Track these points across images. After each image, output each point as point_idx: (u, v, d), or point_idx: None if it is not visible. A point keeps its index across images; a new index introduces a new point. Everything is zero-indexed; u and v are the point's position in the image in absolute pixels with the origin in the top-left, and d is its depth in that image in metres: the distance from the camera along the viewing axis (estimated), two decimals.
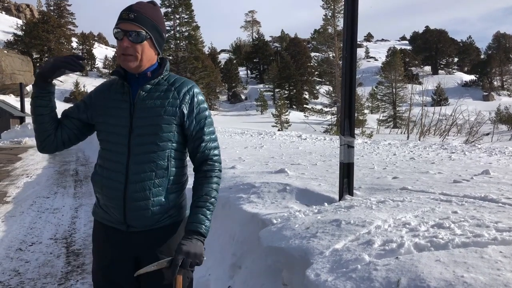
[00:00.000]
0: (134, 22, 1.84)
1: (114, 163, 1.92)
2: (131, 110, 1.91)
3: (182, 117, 1.94)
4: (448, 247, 1.97)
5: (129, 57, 1.87)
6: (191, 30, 60.78)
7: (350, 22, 3.38)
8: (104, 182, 1.94)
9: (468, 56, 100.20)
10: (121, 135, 1.91)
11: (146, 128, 1.90)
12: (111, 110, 1.95)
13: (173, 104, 1.92)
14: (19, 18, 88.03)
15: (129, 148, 1.90)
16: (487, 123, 44.11)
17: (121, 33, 1.85)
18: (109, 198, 1.94)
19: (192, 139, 1.98)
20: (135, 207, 1.90)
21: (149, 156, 1.90)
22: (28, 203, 8.36)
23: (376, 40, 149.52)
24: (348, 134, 3.36)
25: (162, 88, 1.95)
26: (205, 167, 1.98)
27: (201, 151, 1.98)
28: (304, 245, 2.31)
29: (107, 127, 1.95)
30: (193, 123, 1.96)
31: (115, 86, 2.00)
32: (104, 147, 1.98)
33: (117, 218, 1.95)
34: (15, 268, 4.78)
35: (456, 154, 7.13)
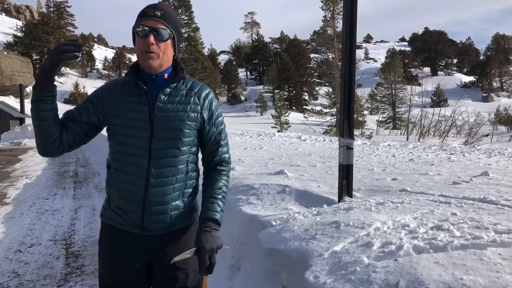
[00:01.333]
0: (160, 19, 1.83)
1: (133, 167, 1.87)
2: (151, 113, 1.87)
3: (202, 122, 1.95)
4: (447, 249, 1.97)
5: (153, 55, 1.83)
6: (191, 32, 60.84)
7: (349, 24, 3.38)
8: (123, 186, 1.89)
9: (467, 57, 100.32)
10: (141, 139, 1.86)
11: (168, 132, 1.88)
12: (127, 112, 1.88)
13: (195, 110, 1.93)
14: (19, 19, 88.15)
15: (150, 152, 1.86)
16: (487, 124, 44.12)
17: (146, 30, 1.81)
18: (127, 202, 1.90)
19: (211, 143, 2.01)
20: (154, 211, 1.89)
21: (171, 161, 1.89)
22: (28, 204, 8.35)
23: (376, 42, 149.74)
24: (347, 135, 3.36)
25: (182, 93, 1.93)
26: (219, 168, 2.05)
27: (218, 155, 2.03)
28: (303, 247, 2.31)
29: (124, 129, 1.88)
30: (212, 128, 1.99)
31: (128, 87, 1.93)
32: (120, 150, 1.91)
33: (132, 222, 1.91)
34: (14, 269, 4.78)
35: (456, 156, 7.14)
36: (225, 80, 77.96)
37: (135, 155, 1.87)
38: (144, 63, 1.86)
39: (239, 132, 22.71)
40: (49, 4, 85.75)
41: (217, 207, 1.94)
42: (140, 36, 1.83)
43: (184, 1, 59.12)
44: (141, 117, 1.87)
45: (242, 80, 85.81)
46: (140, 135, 1.86)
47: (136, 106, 1.88)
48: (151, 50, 1.82)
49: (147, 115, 1.87)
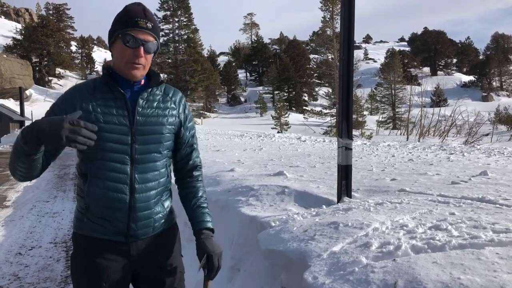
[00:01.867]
0: (151, 32, 1.80)
1: (116, 174, 1.82)
2: (131, 118, 1.83)
3: (179, 126, 1.98)
4: (445, 249, 1.98)
5: (139, 66, 1.80)
6: (190, 33, 60.92)
7: (347, 25, 3.39)
8: (106, 194, 1.82)
9: (467, 57, 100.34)
10: (122, 144, 1.81)
11: (150, 137, 1.87)
12: (105, 116, 1.80)
13: (173, 114, 1.94)
14: (18, 22, 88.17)
15: (132, 157, 1.83)
16: (486, 123, 44.13)
17: (138, 42, 1.77)
18: (111, 210, 1.84)
19: (184, 147, 2.03)
20: (141, 217, 1.87)
21: (153, 165, 1.89)
22: (28, 207, 8.36)
23: (375, 42, 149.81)
24: (346, 136, 3.37)
25: (158, 97, 1.92)
26: (195, 173, 2.08)
27: (192, 158, 2.07)
28: (302, 248, 2.32)
29: (102, 135, 1.76)
30: (187, 131, 2.02)
31: (100, 91, 1.84)
32: (100, 157, 1.81)
33: (116, 230, 1.86)
34: (14, 272, 4.78)
35: (455, 155, 7.14)
36: (225, 82, 78.01)
37: (117, 161, 1.82)
38: (129, 72, 1.81)
39: (238, 133, 22.73)
40: (48, 7, 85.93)
41: (208, 216, 2.01)
42: (128, 46, 1.77)
43: (183, 2, 59.21)
44: (121, 122, 1.82)
45: (242, 81, 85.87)
46: (121, 140, 1.81)
47: (113, 110, 1.82)
48: (139, 62, 1.79)
49: (126, 119, 1.82)
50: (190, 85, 58.91)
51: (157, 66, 65.49)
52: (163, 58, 60.78)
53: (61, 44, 68.96)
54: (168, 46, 60.02)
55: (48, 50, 65.68)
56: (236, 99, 79.51)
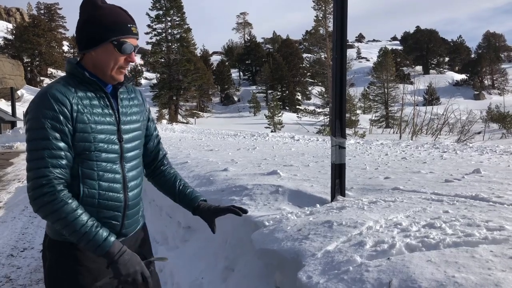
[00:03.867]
0: (137, 37, 1.85)
1: (110, 174, 1.82)
2: (116, 116, 1.85)
3: (147, 120, 2.08)
4: (439, 247, 1.97)
5: (126, 70, 1.86)
6: (183, 33, 60.81)
7: (339, 24, 3.38)
8: (102, 195, 1.79)
9: (458, 56, 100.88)
10: (112, 144, 1.82)
11: (133, 134, 1.93)
12: (94, 117, 1.77)
13: (142, 109, 2.04)
14: (9, 22, 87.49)
15: (121, 156, 1.86)
16: (479, 122, 44.45)
17: (132, 49, 1.81)
18: (108, 211, 1.83)
19: (152, 138, 2.13)
20: (132, 214, 1.93)
21: (137, 162, 1.97)
22: (20, 208, 8.30)
23: (368, 41, 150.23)
24: (339, 135, 3.36)
25: (126, 95, 1.96)
26: (165, 161, 2.20)
27: (161, 149, 2.18)
28: (296, 247, 2.31)
29: (94, 136, 1.76)
30: (151, 123, 2.12)
31: (81, 90, 1.76)
32: (91, 158, 1.76)
33: (111, 230, 1.79)
34: (6, 274, 4.74)
35: (448, 153, 7.17)
36: (218, 81, 77.97)
37: (110, 161, 1.82)
38: (118, 77, 1.83)
39: (232, 133, 22.71)
40: (40, 6, 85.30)
41: (197, 192, 2.18)
42: (123, 52, 1.77)
43: (175, 2, 59.08)
44: (110, 122, 1.82)
45: (235, 81, 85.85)
46: (111, 140, 1.82)
47: (100, 110, 1.80)
48: (127, 67, 1.85)
49: (112, 118, 1.83)
50: (183, 84, 58.84)
51: (150, 65, 65.29)
52: (156, 57, 60.63)
53: (53, 44, 68.54)
54: (161, 46, 59.88)
55: (39, 50, 65.29)
56: (230, 98, 79.47)
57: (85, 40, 1.78)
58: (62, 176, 1.67)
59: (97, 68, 1.81)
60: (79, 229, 1.64)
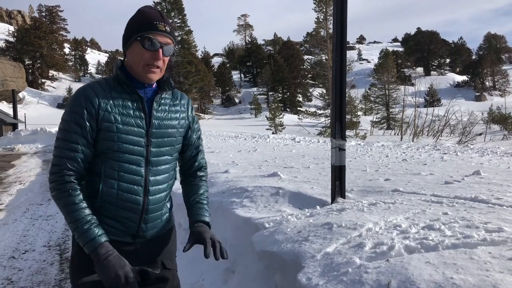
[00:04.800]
0: (169, 35, 1.83)
1: (131, 175, 1.83)
2: (147, 120, 1.85)
3: (187, 128, 2.03)
4: (438, 248, 1.98)
5: (157, 69, 1.84)
6: (184, 35, 60.92)
7: (339, 26, 3.40)
8: (120, 195, 1.82)
9: (459, 57, 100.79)
10: (138, 146, 1.83)
11: (163, 140, 1.90)
12: (123, 118, 1.81)
13: (183, 117, 2.00)
14: (10, 24, 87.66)
15: (147, 159, 1.85)
16: (480, 123, 44.38)
17: (158, 45, 1.79)
18: (125, 211, 1.85)
19: (191, 148, 2.07)
20: (151, 219, 1.91)
21: (165, 168, 1.93)
22: (21, 210, 8.31)
23: (369, 42, 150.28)
24: (339, 137, 3.37)
25: (169, 101, 1.96)
26: (199, 173, 2.11)
27: (198, 160, 2.11)
28: (296, 249, 2.32)
29: (119, 136, 1.80)
30: (194, 133, 2.07)
31: (116, 91, 1.84)
32: (114, 157, 1.81)
33: (125, 231, 1.87)
34: (8, 276, 4.75)
35: (448, 155, 7.18)
36: (219, 83, 78.00)
37: (133, 163, 1.83)
38: (147, 75, 1.83)
39: (233, 134, 22.72)
40: (41, 8, 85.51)
41: (205, 211, 2.02)
42: (148, 49, 1.79)
43: (177, 4, 59.19)
44: (138, 124, 1.83)
45: (236, 83, 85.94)
46: (138, 142, 1.83)
47: (131, 112, 1.83)
48: (157, 65, 1.82)
49: (143, 122, 1.85)
50: (184, 86, 58.84)
51: None
52: None
53: (54, 46, 68.65)
54: None
55: (41, 52, 65.38)
56: (231, 100, 79.52)
57: (123, 42, 1.88)
58: (74, 168, 1.76)
59: (131, 68, 1.87)
60: (74, 221, 1.73)
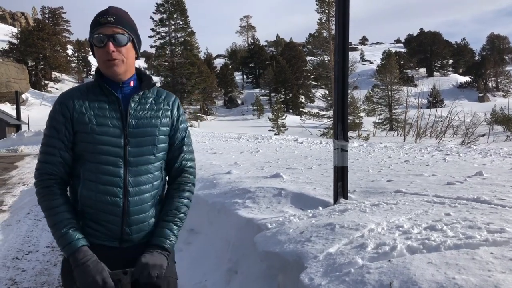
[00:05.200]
0: (115, 24, 1.78)
1: (109, 177, 1.80)
2: (124, 120, 1.83)
3: (171, 127, 1.96)
4: (440, 249, 1.99)
5: (116, 61, 1.79)
6: (187, 36, 60.91)
7: (341, 26, 3.41)
8: (99, 197, 1.80)
9: (462, 58, 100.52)
10: (115, 147, 1.81)
11: (143, 139, 1.86)
12: (98, 119, 1.81)
13: (166, 115, 1.94)
14: (14, 26, 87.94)
15: (125, 160, 1.82)
16: (483, 124, 44.27)
17: (103, 38, 1.76)
18: (105, 214, 1.81)
19: (173, 148, 1.97)
20: (134, 221, 1.85)
21: (147, 168, 1.87)
22: (25, 211, 8.34)
23: (371, 43, 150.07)
24: (341, 138, 3.38)
25: (151, 100, 1.92)
26: (180, 179, 1.98)
27: (179, 161, 1.98)
28: (299, 250, 2.33)
29: (95, 137, 1.79)
30: (177, 132, 1.98)
31: (93, 94, 1.85)
32: (92, 159, 1.81)
33: (110, 234, 1.84)
34: (11, 277, 4.77)
35: (451, 156, 7.17)
36: (222, 84, 78.07)
37: (110, 164, 1.80)
38: (109, 71, 1.81)
39: (235, 135, 22.73)
40: (44, 10, 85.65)
41: (167, 231, 1.87)
42: (98, 46, 1.78)
43: (179, 5, 59.23)
44: (114, 124, 1.82)
45: (239, 84, 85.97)
46: (114, 143, 1.80)
47: (106, 112, 1.82)
48: (113, 58, 1.78)
49: (119, 122, 1.82)
50: (187, 87, 58.91)
51: (153, 69, 65.49)
52: (160, 61, 60.81)
53: (57, 48, 68.77)
54: (164, 49, 60.03)
55: (44, 54, 65.52)
56: (233, 101, 79.55)
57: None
58: (54, 172, 1.81)
59: (101, 70, 1.86)
60: (53, 225, 1.76)
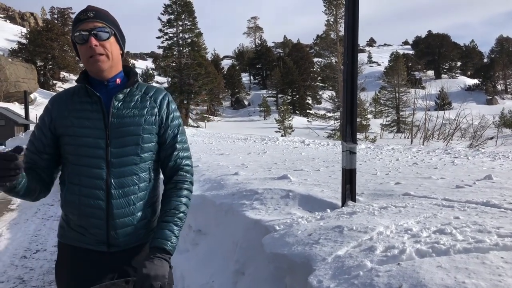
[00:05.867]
0: (95, 19, 1.73)
1: (91, 179, 1.75)
2: (106, 120, 1.77)
3: (160, 125, 1.88)
4: (449, 253, 1.98)
5: (100, 57, 1.73)
6: (194, 37, 61.10)
7: (350, 28, 3.40)
8: (82, 201, 1.75)
9: (471, 60, 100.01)
10: (97, 148, 1.75)
11: (125, 139, 1.78)
12: (80, 121, 1.77)
13: (152, 113, 1.85)
14: (23, 26, 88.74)
15: (107, 161, 1.75)
16: (491, 127, 44.00)
17: (85, 35, 1.70)
18: (88, 218, 1.76)
19: (165, 147, 1.90)
20: (120, 224, 1.78)
21: (131, 169, 1.79)
22: (33, 210, 8.40)
23: (379, 45, 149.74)
24: (350, 140, 3.37)
25: (137, 97, 1.85)
26: (176, 178, 1.89)
27: (173, 160, 1.90)
28: (307, 252, 2.32)
29: (77, 140, 1.76)
30: (167, 130, 1.89)
31: (78, 96, 1.82)
32: (75, 162, 1.77)
33: (96, 239, 1.79)
34: (19, 275, 4.81)
35: (459, 159, 7.12)
36: (229, 85, 78.26)
37: (92, 166, 1.75)
38: (94, 67, 1.75)
39: (242, 136, 22.74)
40: (53, 11, 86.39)
41: (167, 232, 1.77)
42: (80, 43, 1.73)
43: (187, 6, 59.45)
44: (95, 125, 1.76)
45: (246, 85, 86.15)
46: (95, 144, 1.75)
47: (88, 114, 1.77)
48: (96, 52, 1.72)
49: (101, 122, 1.76)
50: (194, 88, 59.07)
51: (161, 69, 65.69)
52: (167, 61, 61.04)
53: (65, 48, 69.21)
54: (172, 50, 60.25)
55: (52, 54, 66.05)
56: (240, 102, 79.69)
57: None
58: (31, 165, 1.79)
59: (86, 69, 1.82)
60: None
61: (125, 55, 2.08)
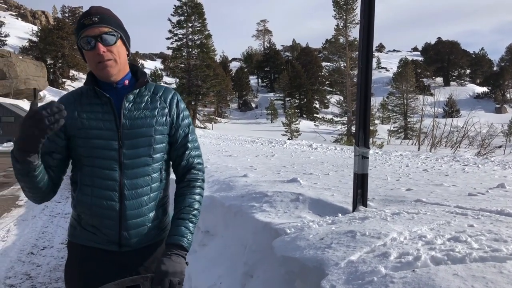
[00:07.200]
0: (101, 24, 1.71)
1: (104, 180, 1.76)
2: (117, 122, 1.77)
3: (171, 125, 1.88)
4: (465, 261, 1.95)
5: (109, 62, 1.73)
6: (203, 39, 61.24)
7: (365, 33, 3.38)
8: (95, 202, 1.76)
9: (480, 68, 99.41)
10: (109, 150, 1.75)
11: (138, 140, 1.79)
12: (91, 122, 1.76)
13: (163, 113, 1.85)
14: (34, 24, 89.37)
15: (120, 162, 1.76)
16: (499, 135, 43.67)
17: (91, 41, 1.70)
18: (101, 218, 1.78)
19: (177, 146, 1.90)
20: (132, 225, 1.79)
21: (144, 170, 1.80)
22: (40, 207, 8.43)
23: (388, 51, 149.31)
24: (362, 145, 3.34)
25: (146, 98, 1.85)
26: (188, 176, 1.91)
27: (185, 159, 1.91)
28: (319, 256, 2.30)
29: (89, 141, 1.75)
30: (178, 130, 1.90)
31: (87, 97, 1.82)
32: (88, 163, 1.77)
33: (108, 239, 1.80)
34: (26, 271, 4.82)
35: (470, 167, 7.07)
36: (236, 87, 78.36)
37: (105, 168, 1.75)
38: (102, 73, 1.75)
39: (250, 139, 22.75)
40: (64, 9, 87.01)
41: (183, 229, 1.79)
42: (87, 49, 1.72)
43: (197, 8, 59.62)
44: (107, 127, 1.76)
45: (253, 87, 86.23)
46: (108, 146, 1.75)
47: (100, 115, 1.77)
48: (105, 59, 1.71)
49: (113, 124, 1.77)
50: (202, 90, 59.18)
51: (169, 70, 65.93)
52: (176, 62, 61.24)
53: (75, 47, 69.23)
54: (181, 51, 60.41)
55: (62, 52, 66.47)
56: (247, 105, 79.76)
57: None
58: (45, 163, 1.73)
59: (94, 72, 1.81)
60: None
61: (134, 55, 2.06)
